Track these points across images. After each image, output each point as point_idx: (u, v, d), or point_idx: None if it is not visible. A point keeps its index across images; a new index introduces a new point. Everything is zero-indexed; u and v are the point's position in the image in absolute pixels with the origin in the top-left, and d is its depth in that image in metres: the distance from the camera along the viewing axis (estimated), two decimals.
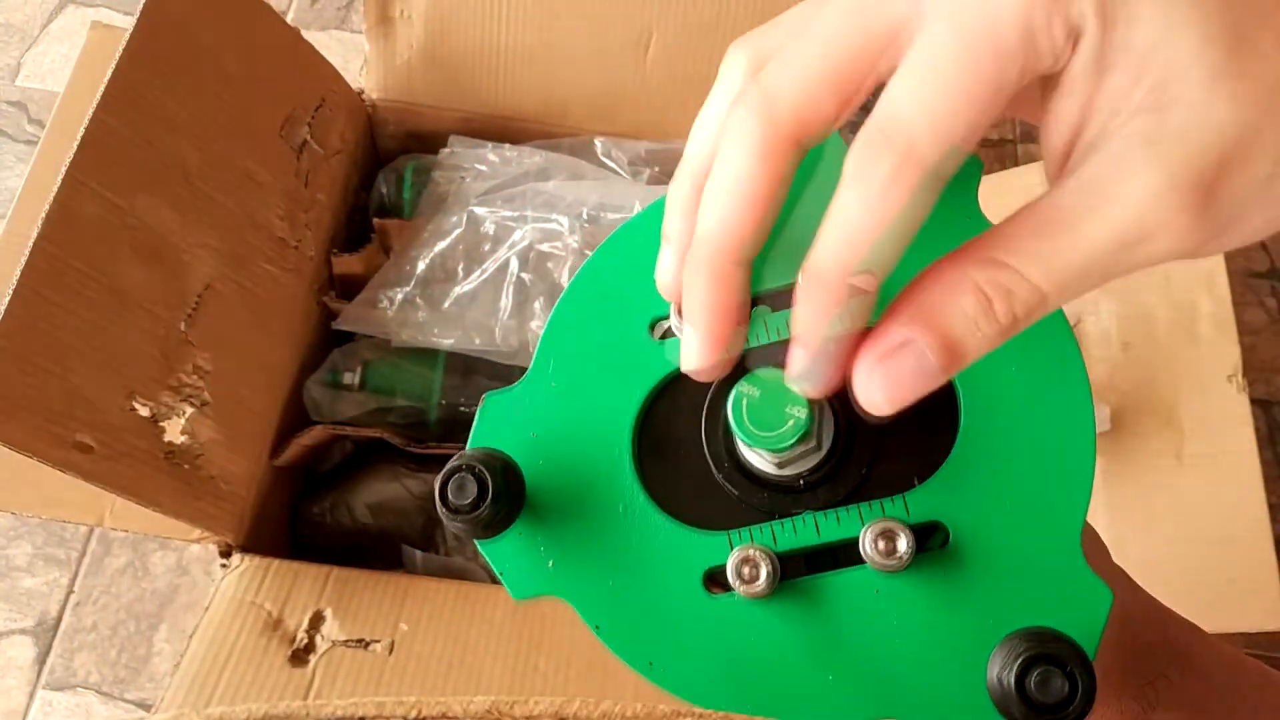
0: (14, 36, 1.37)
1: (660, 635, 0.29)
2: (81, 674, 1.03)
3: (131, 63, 0.70)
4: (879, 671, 0.28)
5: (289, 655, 0.75)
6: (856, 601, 0.29)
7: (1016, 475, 0.28)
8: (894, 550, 0.27)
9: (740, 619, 0.29)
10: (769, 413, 0.27)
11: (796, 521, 0.29)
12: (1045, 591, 0.28)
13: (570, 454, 0.31)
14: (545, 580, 0.30)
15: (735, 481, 0.30)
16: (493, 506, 0.28)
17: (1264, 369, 1.18)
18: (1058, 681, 0.25)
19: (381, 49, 0.98)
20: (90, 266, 0.67)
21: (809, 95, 0.24)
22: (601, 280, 0.32)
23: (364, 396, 0.93)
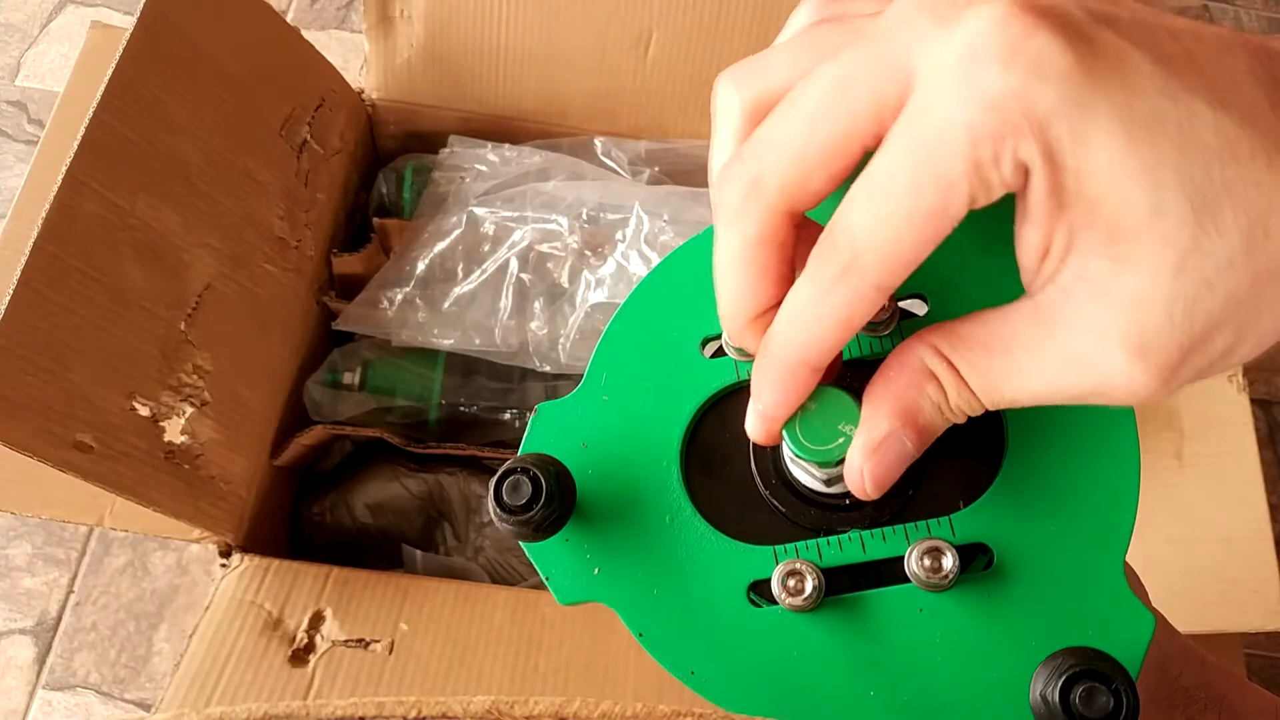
0: (14, 36, 1.37)
1: (703, 644, 0.29)
2: (81, 674, 1.03)
3: (131, 63, 0.70)
4: (920, 688, 0.28)
5: (289, 655, 0.75)
6: (900, 619, 0.29)
7: (1062, 500, 0.29)
8: (939, 568, 0.28)
9: (783, 631, 0.29)
10: (822, 427, 0.27)
11: (842, 539, 0.30)
12: (1089, 614, 0.28)
13: (619, 464, 0.31)
14: (590, 586, 0.30)
15: (782, 498, 0.31)
16: (545, 508, 0.29)
17: (1264, 369, 1.18)
18: (1103, 698, 0.25)
19: (381, 49, 0.98)
20: (90, 266, 0.67)
21: (798, 175, 0.25)
22: (656, 297, 0.33)
23: (364, 396, 0.93)
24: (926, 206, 0.23)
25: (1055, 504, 0.29)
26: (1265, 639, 0.86)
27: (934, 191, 0.23)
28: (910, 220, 0.23)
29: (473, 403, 0.95)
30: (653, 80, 0.98)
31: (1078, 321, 0.23)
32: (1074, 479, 0.29)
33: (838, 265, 0.24)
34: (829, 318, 0.25)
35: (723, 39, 0.94)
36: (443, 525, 0.97)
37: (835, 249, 0.24)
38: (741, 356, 0.31)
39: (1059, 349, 0.24)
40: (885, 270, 0.24)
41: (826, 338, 0.25)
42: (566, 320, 0.91)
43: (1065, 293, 0.23)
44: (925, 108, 0.23)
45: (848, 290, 0.24)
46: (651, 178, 0.99)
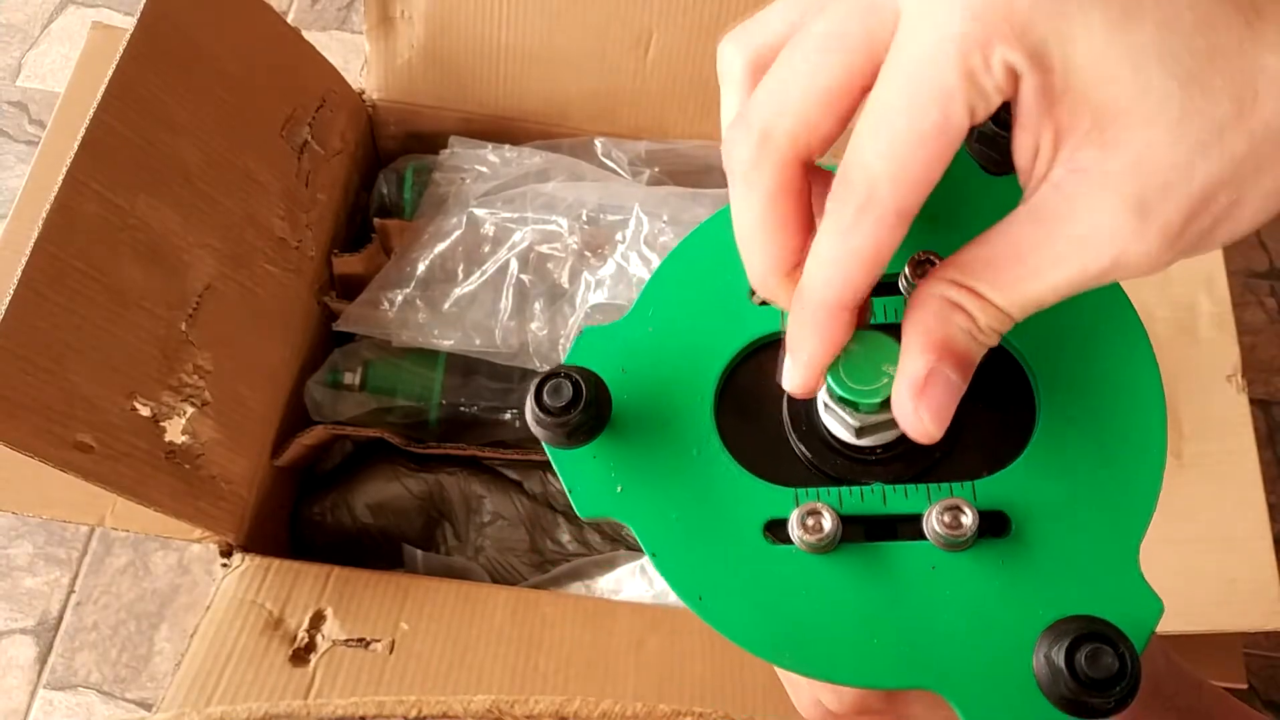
0: (15, 37, 1.37)
1: (714, 572, 0.30)
2: (82, 673, 1.03)
3: (132, 63, 0.70)
4: (925, 643, 0.28)
5: (290, 654, 0.75)
6: (912, 573, 0.29)
7: (1084, 480, 0.29)
8: (959, 526, 0.28)
9: (795, 569, 0.30)
10: (866, 368, 0.28)
11: (865, 490, 0.30)
12: (1100, 591, 0.28)
13: (655, 392, 0.32)
14: (611, 503, 0.31)
15: (810, 445, 0.31)
16: (583, 414, 0.29)
17: (1263, 369, 1.18)
18: (1108, 659, 0.25)
19: (382, 49, 0.98)
20: (91, 266, 0.67)
21: (805, 123, 0.26)
22: (711, 242, 0.34)
23: (364, 397, 0.93)
24: (930, 123, 0.24)
25: (1077, 482, 0.29)
26: (1265, 639, 0.86)
27: (934, 107, 0.23)
28: (918, 140, 0.24)
29: (473, 403, 0.95)
30: (653, 81, 0.98)
31: (1077, 206, 0.24)
32: (1100, 460, 0.29)
33: (857, 200, 0.25)
34: (857, 253, 0.25)
35: None
36: (443, 525, 0.97)
37: (851, 186, 0.25)
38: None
39: (1066, 238, 0.24)
40: (902, 194, 0.24)
41: (858, 273, 0.25)
42: (567, 321, 0.91)
43: (1059, 186, 0.24)
44: (913, 32, 0.24)
45: (871, 222, 0.25)
46: (651, 178, 0.99)
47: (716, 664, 0.79)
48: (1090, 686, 0.25)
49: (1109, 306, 0.30)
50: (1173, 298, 0.86)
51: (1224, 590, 0.78)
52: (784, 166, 0.26)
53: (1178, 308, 0.86)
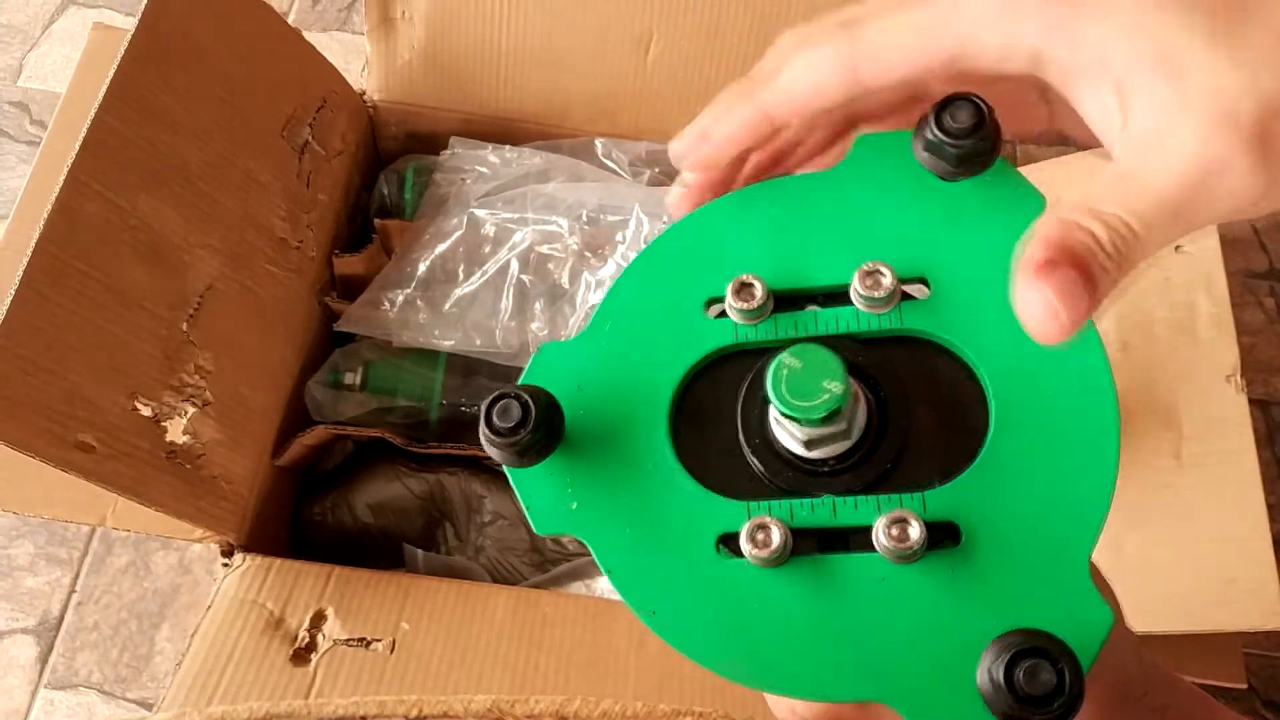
0: (16, 37, 1.37)
1: (667, 586, 0.30)
2: (83, 673, 1.03)
3: (133, 64, 0.70)
4: (874, 655, 0.29)
5: (290, 654, 0.75)
6: (862, 585, 0.29)
7: (1035, 491, 0.29)
8: (905, 539, 0.28)
9: (746, 583, 0.30)
10: (806, 384, 0.28)
11: (815, 502, 0.30)
12: (1048, 602, 0.28)
13: (610, 408, 0.32)
14: (567, 519, 0.31)
15: (763, 458, 0.31)
16: (532, 434, 0.30)
17: (1263, 369, 1.18)
18: (1045, 675, 0.25)
19: (383, 50, 0.98)
20: (92, 267, 0.68)
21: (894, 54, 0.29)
22: (666, 256, 0.34)
23: (365, 397, 0.93)
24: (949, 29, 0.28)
25: (1029, 492, 0.29)
26: (1264, 638, 0.86)
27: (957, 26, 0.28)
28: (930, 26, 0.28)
29: (473, 403, 0.95)
30: (653, 81, 0.98)
31: (1168, 131, 0.25)
32: (1051, 471, 0.29)
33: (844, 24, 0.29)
34: (830, 59, 0.29)
35: (723, 40, 0.94)
36: (444, 525, 0.97)
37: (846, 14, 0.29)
38: (744, 319, 0.32)
39: (1164, 152, 0.25)
40: (884, 41, 0.28)
41: (825, 79, 0.29)
42: (567, 321, 0.91)
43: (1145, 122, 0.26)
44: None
45: (848, 39, 0.29)
46: (652, 179, 0.99)
47: None
48: (1029, 702, 0.25)
49: None
50: (1172, 298, 0.87)
51: (1224, 590, 0.78)
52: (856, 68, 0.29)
53: (1177, 308, 0.86)
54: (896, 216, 0.32)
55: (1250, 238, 1.27)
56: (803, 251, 0.32)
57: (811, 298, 0.32)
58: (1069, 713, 0.25)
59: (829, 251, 0.32)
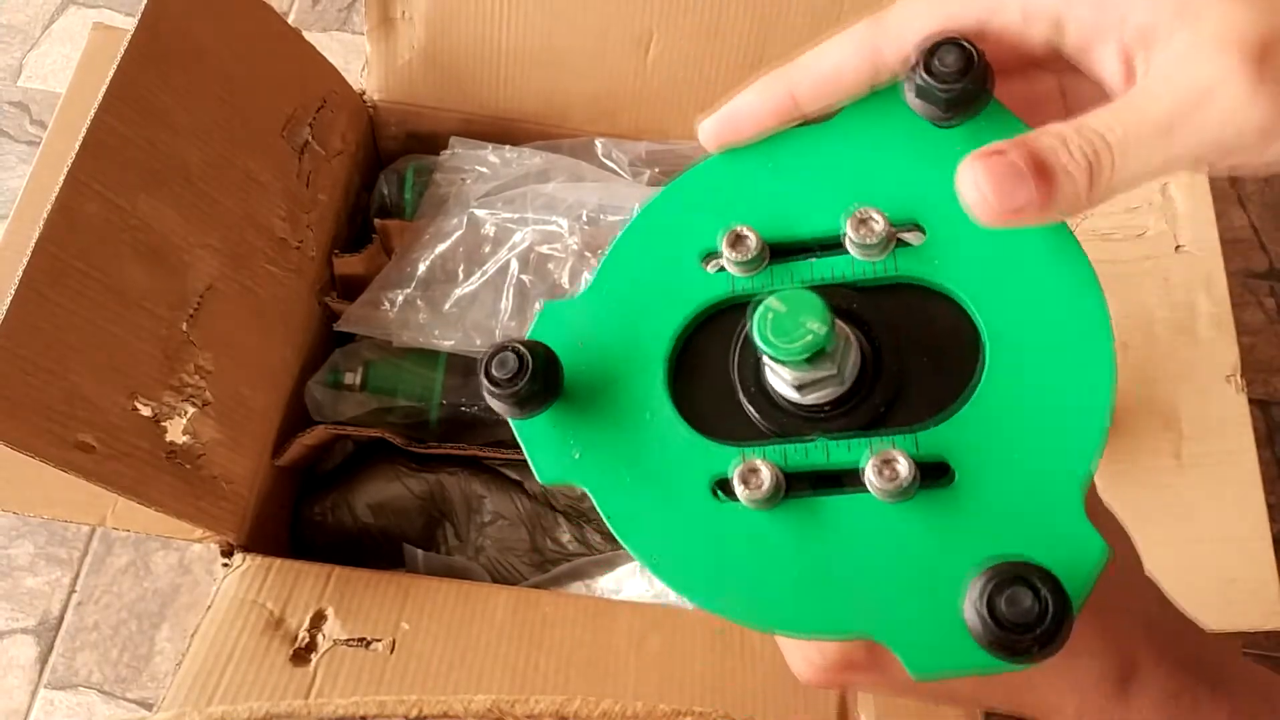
0: (16, 37, 1.37)
1: (665, 532, 0.31)
2: (83, 673, 1.03)
3: (133, 64, 0.70)
4: (865, 592, 0.29)
5: (290, 654, 0.75)
6: (853, 524, 0.30)
7: (1028, 428, 0.29)
8: (894, 478, 0.29)
9: (741, 525, 0.30)
10: (788, 325, 0.28)
11: (809, 445, 0.31)
12: (1039, 535, 0.28)
13: (611, 362, 0.33)
14: (569, 469, 0.33)
15: (757, 404, 0.32)
16: (529, 384, 0.31)
17: (1263, 369, 1.18)
18: (1027, 600, 0.25)
19: (383, 50, 0.98)
20: (92, 267, 0.68)
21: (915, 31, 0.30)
22: (665, 213, 0.35)
23: (365, 397, 0.93)
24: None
25: (1021, 429, 0.29)
26: (1265, 638, 0.86)
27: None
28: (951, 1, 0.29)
29: (474, 403, 0.95)
30: (653, 81, 0.98)
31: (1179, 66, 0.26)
32: (1044, 408, 0.29)
33: (874, 15, 0.30)
34: (854, 38, 0.30)
35: (723, 40, 0.94)
36: (444, 525, 0.97)
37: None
38: (740, 271, 0.33)
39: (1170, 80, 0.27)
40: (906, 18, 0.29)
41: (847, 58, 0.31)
42: None
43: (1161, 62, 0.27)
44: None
45: (873, 21, 0.30)
46: (652, 179, 0.99)
47: (717, 664, 0.79)
48: (1010, 629, 0.25)
49: (1060, 252, 0.31)
50: (1172, 298, 0.87)
51: (1224, 590, 0.78)
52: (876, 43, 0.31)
53: (1177, 308, 0.86)
54: (890, 163, 0.32)
55: (1250, 238, 1.27)
56: (796, 202, 0.33)
57: (808, 248, 0.33)
58: (1052, 638, 0.25)
59: (823, 200, 0.33)
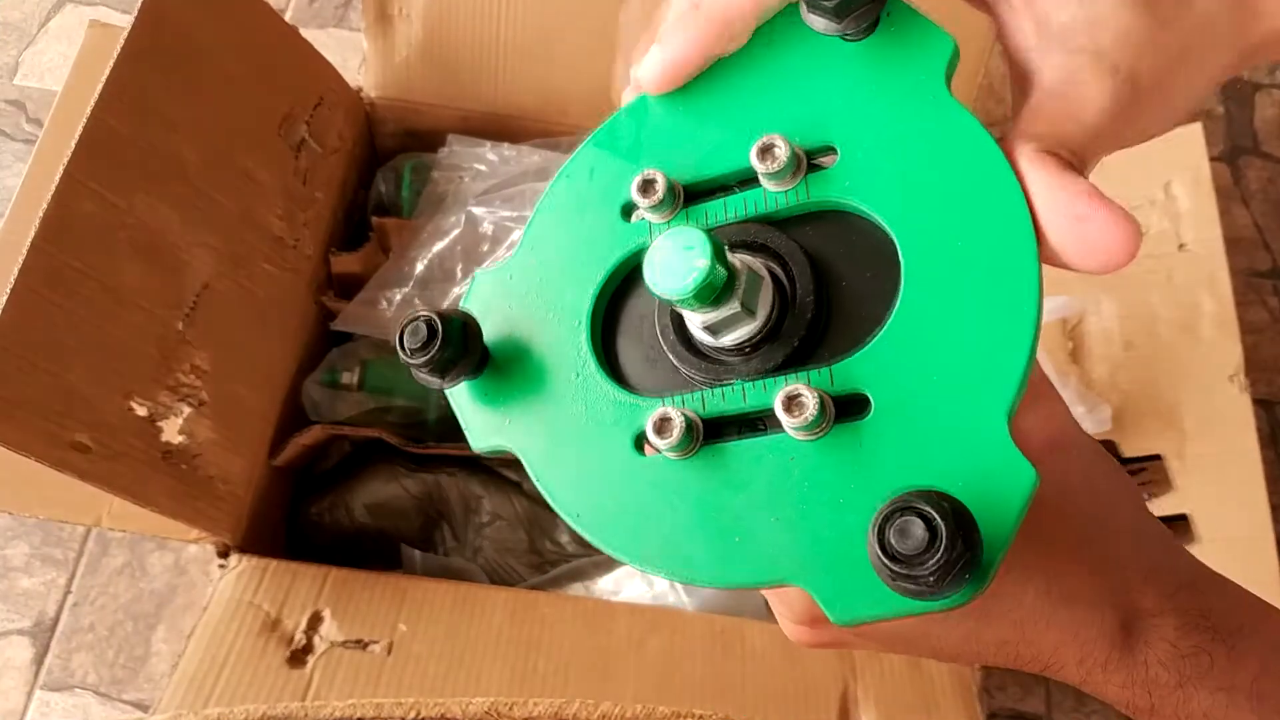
0: (12, 35, 1.36)
1: (590, 489, 0.31)
2: (79, 674, 1.03)
3: (130, 62, 0.70)
4: (784, 536, 0.28)
5: (287, 656, 0.75)
6: (771, 467, 0.29)
7: (948, 352, 0.28)
8: (802, 412, 0.28)
9: (660, 478, 0.30)
10: (676, 265, 0.27)
11: (726, 390, 0.30)
12: (962, 466, 0.27)
13: (538, 323, 0.33)
14: (501, 434, 0.32)
15: (679, 354, 0.31)
16: (442, 352, 0.31)
17: (1266, 368, 1.18)
18: (917, 531, 0.23)
19: (380, 47, 0.98)
20: (88, 265, 0.67)
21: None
22: (583, 169, 0.34)
23: (362, 396, 0.92)
24: None
25: (941, 354, 0.28)
26: None
27: None
28: None
29: None
30: None
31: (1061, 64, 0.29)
32: (965, 329, 0.28)
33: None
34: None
35: None
36: (441, 526, 0.97)
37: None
38: (657, 217, 0.32)
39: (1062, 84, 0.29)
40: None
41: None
42: None
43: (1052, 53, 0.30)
44: None
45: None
46: None
47: (716, 665, 0.78)
48: (903, 561, 0.23)
49: (982, 166, 0.29)
50: (1175, 297, 0.86)
51: None
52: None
53: (1180, 307, 0.86)
54: (797, 87, 0.31)
55: (1254, 236, 1.26)
56: (707, 140, 0.32)
57: (725, 186, 0.32)
58: (951, 569, 0.23)
59: (733, 135, 0.32)
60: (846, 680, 0.80)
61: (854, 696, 0.79)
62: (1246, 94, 1.44)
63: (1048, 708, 1.05)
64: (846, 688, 0.79)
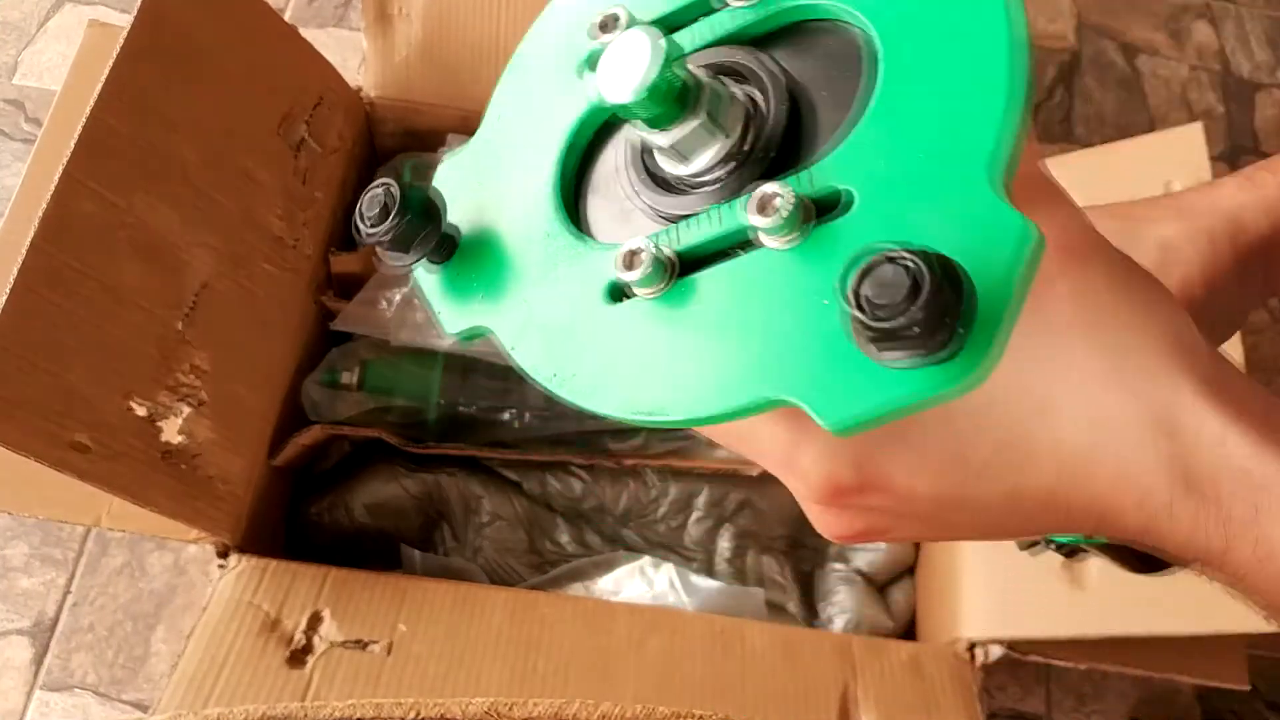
0: (11, 34, 1.36)
1: (564, 346, 0.29)
2: (79, 675, 1.02)
3: (129, 61, 0.70)
4: (766, 352, 0.25)
5: (287, 656, 0.75)
6: (748, 283, 0.26)
7: (928, 128, 0.25)
8: (775, 210, 0.25)
9: (636, 319, 0.28)
10: (624, 67, 0.26)
11: (700, 218, 0.28)
12: (946, 231, 0.24)
13: (505, 195, 0.32)
14: (473, 314, 0.31)
15: (651, 194, 0.29)
16: (398, 221, 0.29)
17: (1266, 369, 1.18)
18: (889, 273, 0.21)
19: (380, 46, 0.98)
20: (87, 265, 0.67)
21: None
22: (545, 30, 0.33)
23: (362, 396, 0.92)
24: None
25: (922, 131, 0.25)
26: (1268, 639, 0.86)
27: None
28: None
29: (471, 403, 0.94)
30: None
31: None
32: (942, 105, 0.25)
33: None
34: None
35: None
36: (441, 526, 0.96)
37: None
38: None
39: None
40: None
41: None
42: None
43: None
44: None
45: None
46: None
47: (716, 665, 0.78)
48: (882, 313, 0.21)
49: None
50: None
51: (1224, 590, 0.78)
52: None
53: None
54: None
55: None
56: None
57: (693, 17, 0.30)
58: (933, 319, 0.21)
59: None
60: (846, 680, 0.80)
61: (854, 696, 0.79)
62: (1247, 94, 1.44)
63: (1048, 708, 1.05)
64: (846, 688, 0.79)
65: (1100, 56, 1.46)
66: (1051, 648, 0.84)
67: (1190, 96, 1.44)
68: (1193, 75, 1.46)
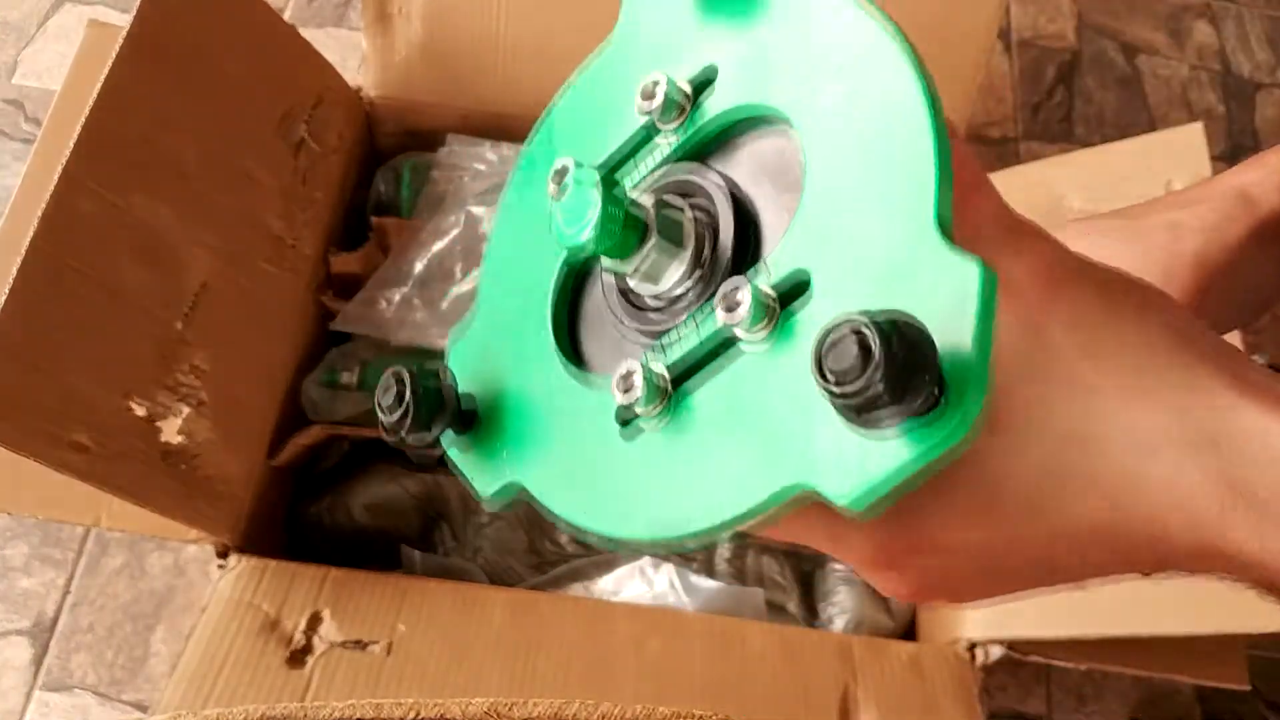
0: (10, 34, 1.36)
1: (588, 488, 0.30)
2: (78, 675, 1.02)
3: (128, 61, 0.70)
4: (771, 449, 0.26)
5: (286, 656, 0.75)
6: (743, 386, 0.27)
7: (864, 198, 0.26)
8: (738, 305, 0.26)
9: (650, 448, 0.29)
10: (574, 212, 0.27)
11: (681, 329, 0.29)
12: (900, 289, 0.24)
13: (507, 355, 0.33)
14: (503, 474, 0.31)
15: (631, 316, 0.30)
16: (412, 404, 0.30)
17: None
18: (850, 345, 0.22)
19: (379, 46, 0.98)
20: (87, 265, 0.67)
21: None
22: (519, 206, 0.35)
23: (362, 396, 0.92)
24: None
25: (859, 202, 0.26)
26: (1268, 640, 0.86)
27: None
28: None
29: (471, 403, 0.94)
30: None
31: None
32: (871, 173, 0.26)
33: None
34: None
35: None
36: (441, 526, 0.96)
37: None
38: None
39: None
40: None
41: None
42: None
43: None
44: None
45: None
46: None
47: (716, 666, 0.78)
48: (848, 382, 0.22)
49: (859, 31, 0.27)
50: None
51: (1227, 591, 0.78)
52: None
53: None
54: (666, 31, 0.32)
55: None
56: (600, 114, 0.32)
57: (633, 152, 0.32)
58: (899, 379, 0.21)
59: (619, 97, 0.31)
60: (846, 681, 0.79)
61: (854, 697, 0.79)
62: (1247, 93, 1.44)
63: (1048, 708, 1.05)
64: (846, 688, 0.79)
65: (1100, 56, 1.46)
66: (1051, 648, 0.83)
67: (1190, 96, 1.44)
68: (1193, 75, 1.46)
